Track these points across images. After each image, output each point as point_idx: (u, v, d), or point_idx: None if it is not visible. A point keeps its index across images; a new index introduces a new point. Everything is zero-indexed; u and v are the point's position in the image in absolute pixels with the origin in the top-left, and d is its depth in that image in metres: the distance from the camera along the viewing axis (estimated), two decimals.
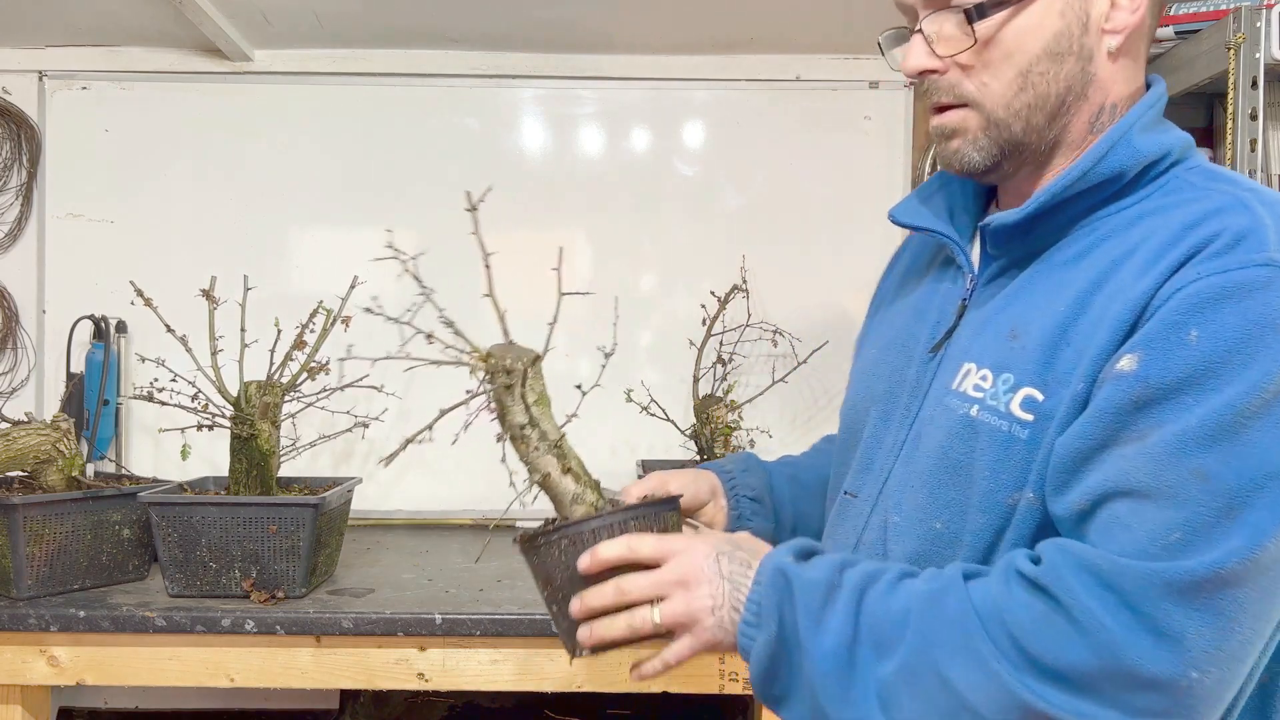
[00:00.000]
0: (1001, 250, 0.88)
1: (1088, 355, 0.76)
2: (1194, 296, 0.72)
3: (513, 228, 2.21)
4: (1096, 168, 0.82)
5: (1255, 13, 1.63)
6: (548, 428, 0.94)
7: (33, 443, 1.59)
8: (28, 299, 2.19)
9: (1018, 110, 0.84)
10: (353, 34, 2.09)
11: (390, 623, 1.48)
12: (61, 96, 2.19)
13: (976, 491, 0.81)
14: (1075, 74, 0.84)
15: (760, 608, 0.81)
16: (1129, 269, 0.77)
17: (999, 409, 0.80)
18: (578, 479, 0.92)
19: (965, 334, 0.88)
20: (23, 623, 1.49)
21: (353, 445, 2.18)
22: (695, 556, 0.83)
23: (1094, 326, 0.77)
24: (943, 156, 0.89)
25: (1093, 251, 0.82)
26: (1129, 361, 0.73)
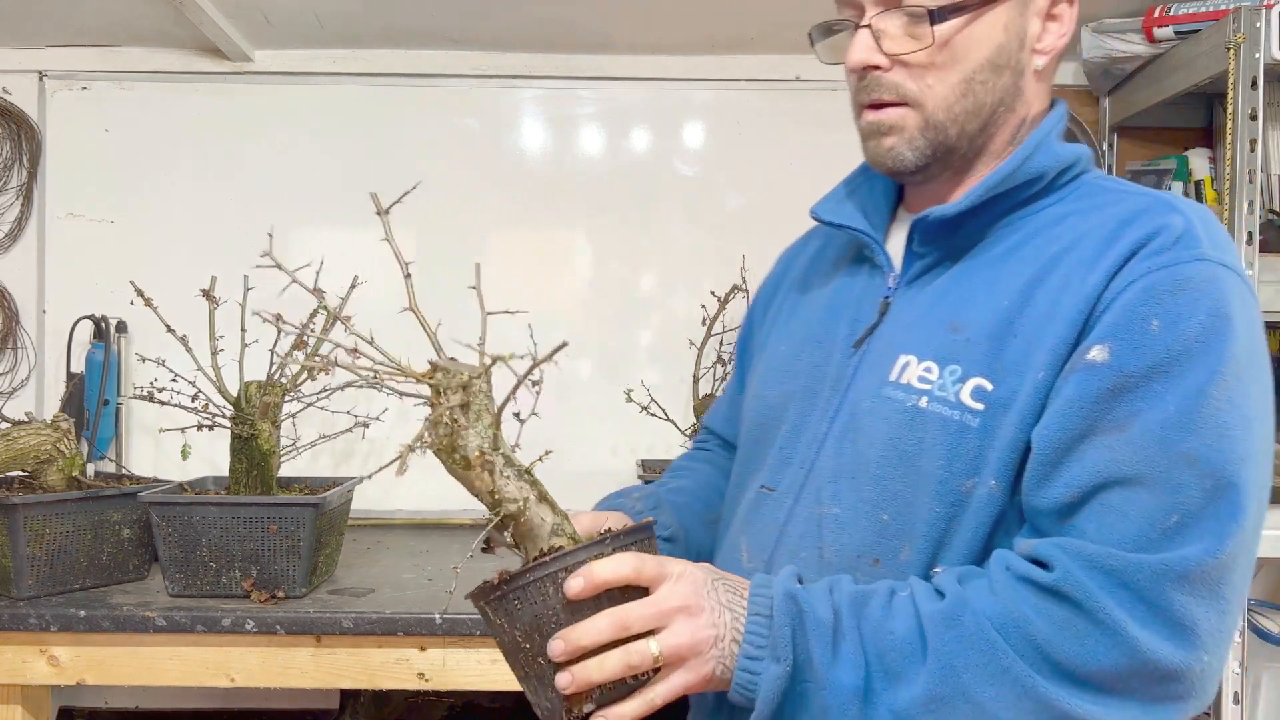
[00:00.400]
0: (929, 247, 0.90)
1: (1043, 345, 0.79)
2: (1150, 289, 0.76)
3: (513, 228, 2.22)
4: (1024, 166, 0.87)
5: (1255, 13, 1.63)
6: (509, 451, 0.85)
7: (33, 443, 1.59)
8: (28, 299, 2.19)
9: (956, 115, 0.87)
10: (353, 34, 2.10)
11: (390, 622, 1.49)
12: (62, 96, 2.19)
13: (928, 481, 0.82)
14: (1008, 87, 0.89)
15: (773, 639, 0.76)
16: (1071, 264, 0.81)
17: (949, 399, 0.82)
18: (554, 508, 0.82)
19: (893, 328, 0.89)
20: (23, 622, 1.49)
21: (353, 445, 2.18)
22: (695, 581, 0.77)
23: (1045, 318, 0.80)
24: (874, 153, 0.91)
25: (1023, 248, 0.86)
26: (1100, 352, 0.76)
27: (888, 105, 0.88)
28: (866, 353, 0.90)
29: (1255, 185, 1.65)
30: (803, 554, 0.87)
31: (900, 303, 0.91)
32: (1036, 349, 0.79)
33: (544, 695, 0.79)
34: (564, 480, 2.19)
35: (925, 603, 0.76)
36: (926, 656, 0.74)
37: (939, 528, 0.82)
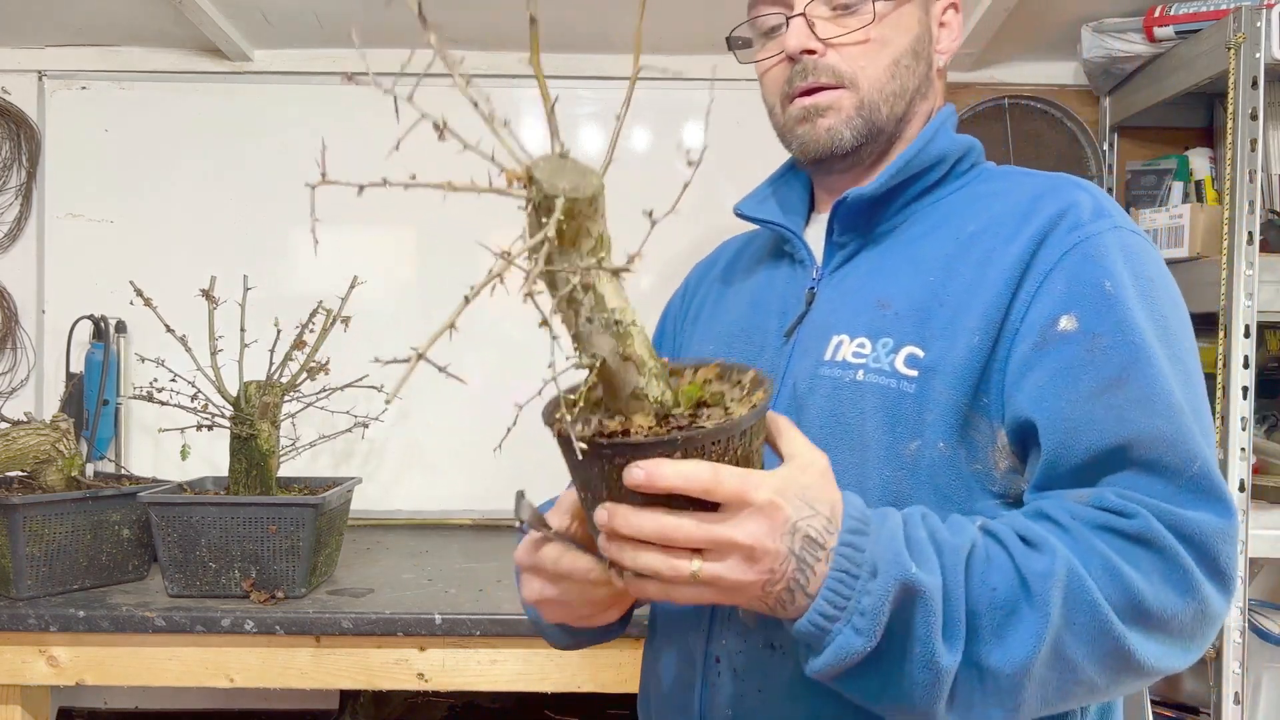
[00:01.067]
0: (849, 235, 0.96)
1: (972, 311, 0.84)
2: (1088, 256, 0.83)
3: (512, 227, 2.21)
4: (928, 148, 0.94)
5: (1255, 12, 1.63)
6: (606, 291, 0.69)
7: (32, 443, 1.59)
8: (27, 299, 2.19)
9: (888, 95, 0.94)
10: (352, 33, 2.09)
11: (390, 623, 1.48)
12: (61, 96, 2.19)
13: (873, 448, 0.85)
14: (923, 75, 0.97)
15: (857, 607, 0.68)
16: (991, 238, 0.87)
17: (884, 369, 0.86)
18: (641, 367, 0.68)
19: (822, 314, 0.93)
20: (22, 623, 1.49)
21: (353, 445, 2.18)
22: (775, 520, 0.67)
23: (970, 287, 0.85)
24: (809, 136, 0.95)
25: (940, 229, 0.92)
26: (1068, 321, 0.81)
27: (822, 89, 0.94)
28: (798, 341, 0.94)
29: (1256, 185, 1.65)
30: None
31: (826, 291, 0.95)
32: (965, 314, 0.84)
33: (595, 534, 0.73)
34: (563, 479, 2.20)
35: (1022, 556, 0.73)
36: (1026, 612, 0.72)
37: (891, 492, 0.84)
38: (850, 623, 0.68)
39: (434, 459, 2.21)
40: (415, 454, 2.21)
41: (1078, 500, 0.77)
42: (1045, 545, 0.74)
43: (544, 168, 0.68)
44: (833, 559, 0.69)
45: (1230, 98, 1.66)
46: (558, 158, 0.68)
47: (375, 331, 2.12)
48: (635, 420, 0.68)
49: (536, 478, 2.21)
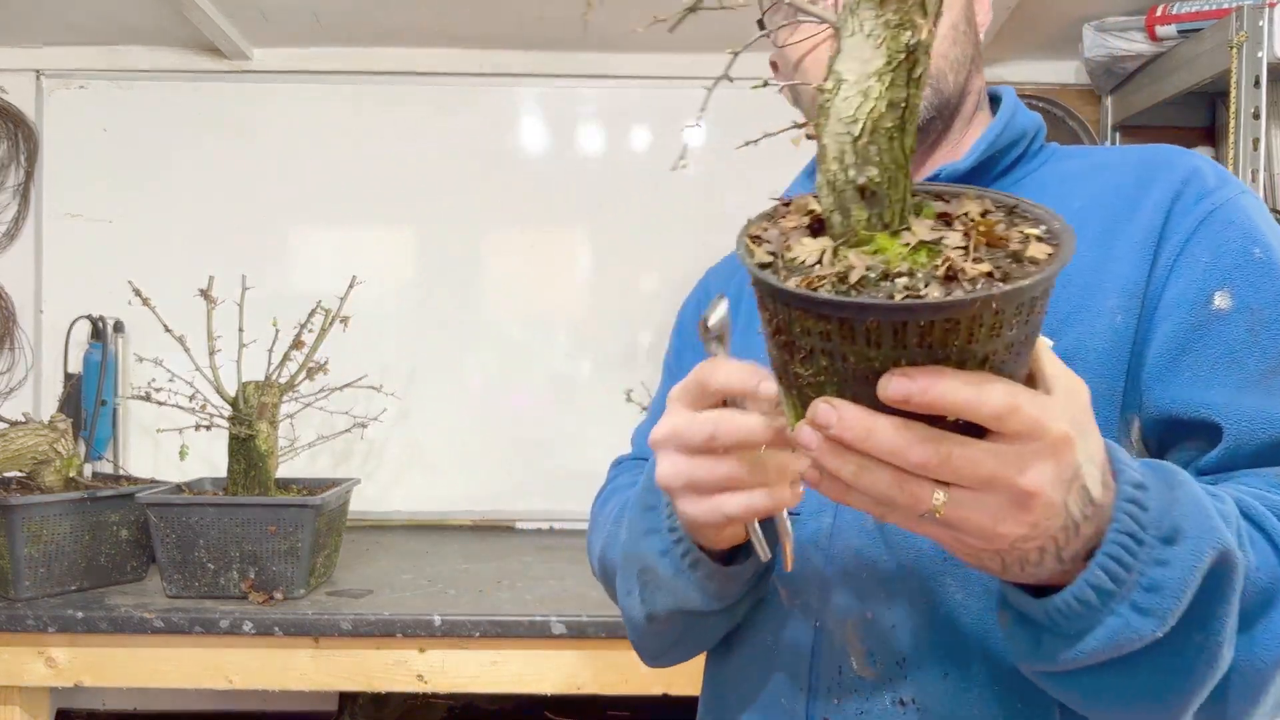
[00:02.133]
0: None
1: (1108, 290, 0.76)
2: (1227, 223, 0.75)
3: (513, 226, 2.21)
4: (1013, 122, 0.86)
5: (1257, 11, 1.63)
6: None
7: (30, 443, 1.58)
8: (25, 299, 2.18)
9: (952, 62, 0.86)
10: (351, 32, 2.09)
11: (389, 624, 1.48)
12: (59, 95, 2.19)
13: None
14: (973, 43, 0.89)
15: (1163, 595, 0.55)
16: (1106, 212, 0.80)
17: None
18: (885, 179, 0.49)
19: None
20: (21, 624, 1.48)
21: (352, 445, 2.17)
22: (1063, 464, 0.51)
23: (1098, 265, 0.77)
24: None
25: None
26: (1222, 299, 0.73)
27: None
28: None
29: (1258, 184, 1.64)
30: (862, 575, 0.76)
31: None
32: (1100, 294, 0.76)
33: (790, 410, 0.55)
34: (563, 479, 2.20)
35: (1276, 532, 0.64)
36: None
37: None
38: (1130, 600, 0.54)
39: (433, 459, 2.20)
40: (414, 454, 2.20)
41: (1273, 475, 0.70)
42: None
43: None
44: (1114, 517, 0.54)
45: (1232, 97, 1.65)
46: None
47: (374, 331, 2.12)
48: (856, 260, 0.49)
49: (537, 479, 2.21)
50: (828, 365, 0.49)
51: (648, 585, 0.79)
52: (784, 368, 0.52)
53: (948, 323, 0.46)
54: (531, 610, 1.50)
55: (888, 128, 0.48)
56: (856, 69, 0.48)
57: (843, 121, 0.48)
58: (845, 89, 0.48)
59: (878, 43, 0.47)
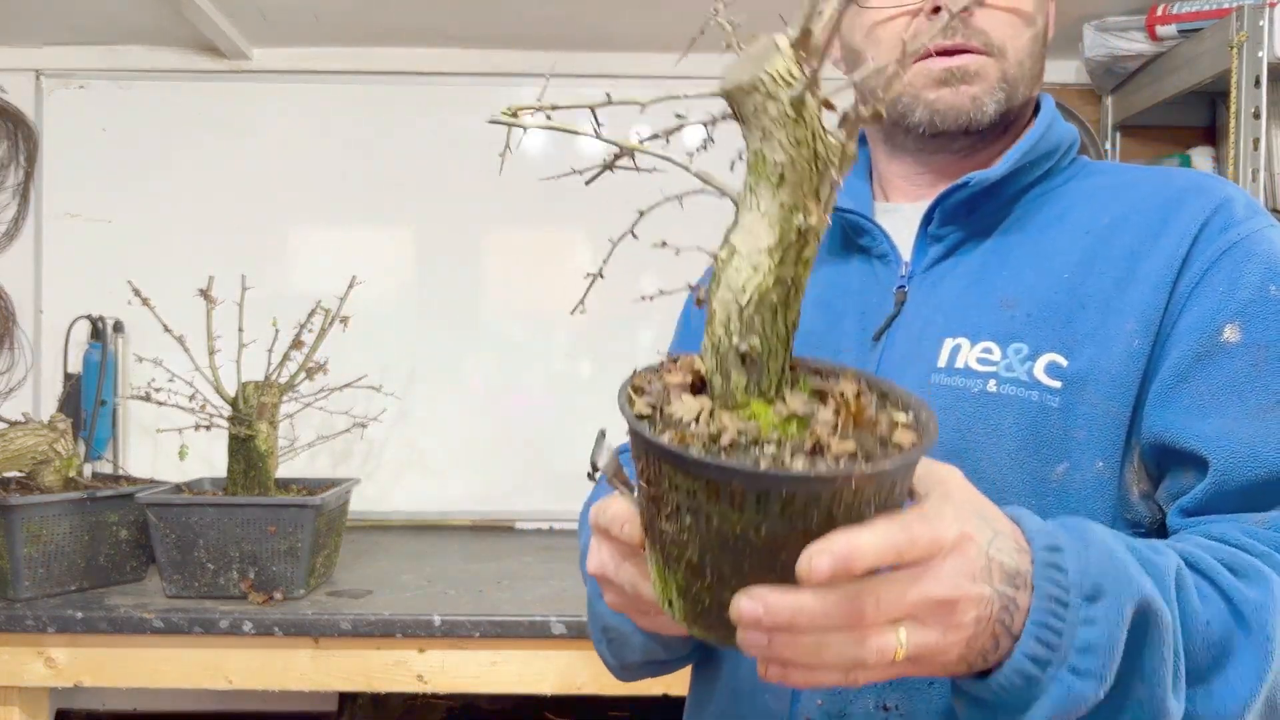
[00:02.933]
0: (951, 227, 0.84)
1: (1127, 312, 0.74)
2: (1249, 256, 0.74)
3: (513, 226, 2.21)
4: (1048, 134, 0.84)
5: (1258, 11, 1.63)
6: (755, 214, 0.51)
7: (30, 443, 1.58)
8: (25, 299, 2.18)
9: (1025, 72, 0.84)
10: (351, 32, 2.09)
11: (389, 624, 1.48)
12: (59, 95, 2.19)
13: (1013, 472, 0.74)
14: (1042, 58, 0.87)
15: (1095, 655, 0.54)
16: (1133, 231, 0.78)
17: (1020, 379, 0.75)
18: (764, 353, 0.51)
19: (925, 314, 0.81)
20: (20, 624, 1.48)
21: (351, 446, 2.17)
22: (972, 558, 0.52)
23: (1119, 285, 0.75)
24: (952, 102, 0.82)
25: (1066, 219, 0.81)
26: (1232, 331, 0.72)
27: (969, 52, 0.81)
28: (890, 345, 0.82)
29: (1259, 184, 1.64)
30: None
31: (920, 290, 0.83)
32: (1117, 315, 0.74)
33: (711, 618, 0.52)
34: (563, 480, 2.20)
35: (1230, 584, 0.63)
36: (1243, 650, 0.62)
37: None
38: (1068, 664, 0.53)
39: (433, 460, 2.20)
40: (414, 455, 2.20)
41: (1255, 524, 0.68)
42: (1252, 571, 0.64)
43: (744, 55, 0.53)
44: (1034, 585, 0.54)
45: (1232, 97, 1.65)
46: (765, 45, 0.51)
47: (374, 332, 2.11)
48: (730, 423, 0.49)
49: (537, 479, 2.21)
50: (691, 524, 0.49)
51: (613, 641, 0.81)
52: (651, 522, 0.52)
53: (809, 495, 0.46)
54: (531, 610, 1.50)
55: (773, 302, 0.50)
56: (750, 243, 0.51)
57: (732, 290, 0.51)
58: (738, 260, 0.51)
59: (772, 222, 0.50)
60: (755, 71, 0.48)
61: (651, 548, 0.53)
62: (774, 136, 0.49)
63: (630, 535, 0.56)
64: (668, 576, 0.52)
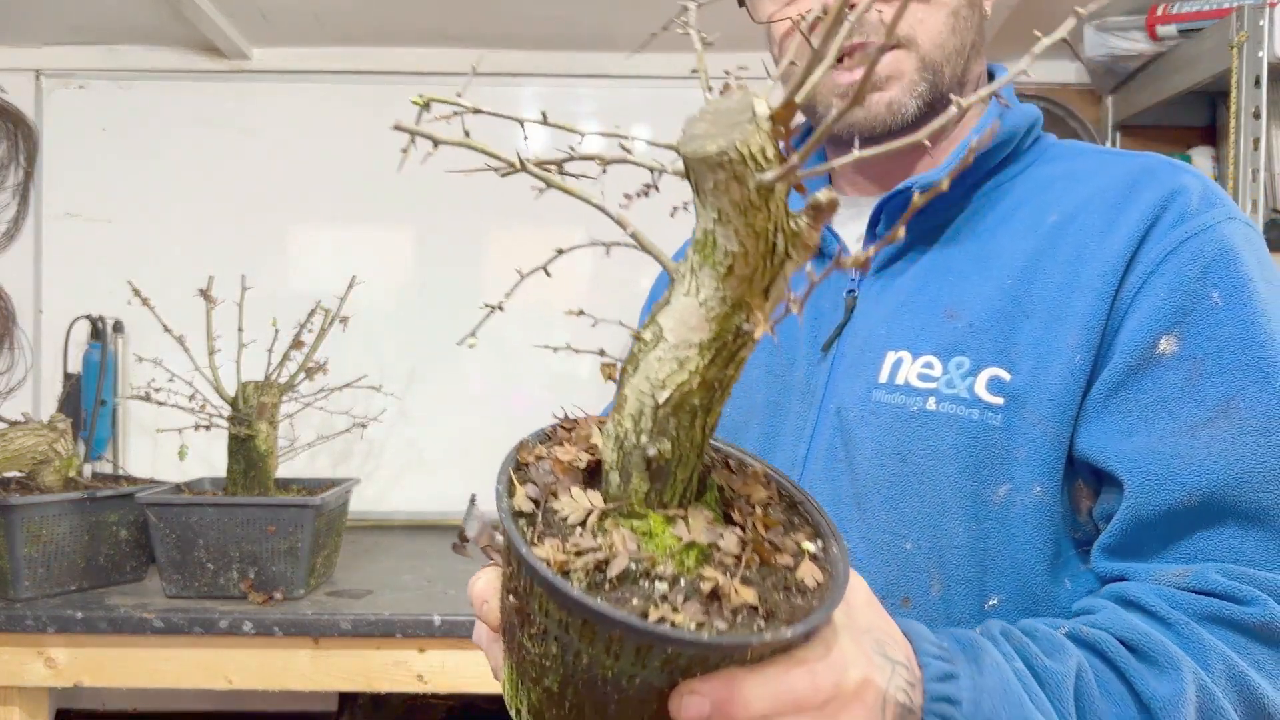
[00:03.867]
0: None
1: (1069, 323, 0.69)
2: (1196, 258, 0.68)
3: (512, 226, 2.21)
4: (999, 125, 0.78)
5: (1258, 11, 1.63)
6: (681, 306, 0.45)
7: (30, 443, 1.58)
8: (24, 299, 2.18)
9: (949, 52, 0.78)
10: (351, 32, 2.09)
11: (389, 624, 1.48)
12: (59, 95, 2.18)
13: (952, 495, 0.69)
14: (975, 29, 0.81)
15: None
16: (1080, 231, 0.72)
17: (961, 396, 0.70)
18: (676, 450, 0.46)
19: (870, 323, 0.77)
20: (20, 624, 1.48)
21: (351, 446, 2.17)
22: (870, 704, 0.49)
23: (1062, 293, 0.70)
24: (868, 114, 0.77)
25: (1012, 219, 0.76)
26: (1168, 343, 0.66)
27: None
28: (839, 355, 0.78)
29: (1259, 184, 1.64)
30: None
31: (870, 295, 0.79)
32: (1061, 327, 0.69)
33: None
34: None
35: (1139, 678, 0.59)
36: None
37: (977, 550, 0.69)
38: None
39: (433, 460, 2.20)
40: (414, 455, 2.20)
41: (1174, 581, 0.63)
42: (1163, 657, 0.59)
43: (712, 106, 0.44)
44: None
45: (1233, 97, 1.65)
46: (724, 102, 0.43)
47: (373, 332, 2.11)
48: (621, 546, 0.44)
49: None
50: (558, 654, 0.44)
51: None
52: (511, 632, 0.47)
53: (695, 657, 0.42)
54: None
55: (694, 405, 0.44)
56: (681, 333, 0.44)
57: (650, 382, 0.44)
58: (663, 348, 0.44)
59: (710, 315, 0.43)
60: (724, 143, 0.40)
61: (508, 653, 0.48)
62: (730, 223, 0.41)
63: (488, 618, 0.52)
64: (520, 690, 0.47)
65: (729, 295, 0.42)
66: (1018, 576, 0.68)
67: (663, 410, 0.44)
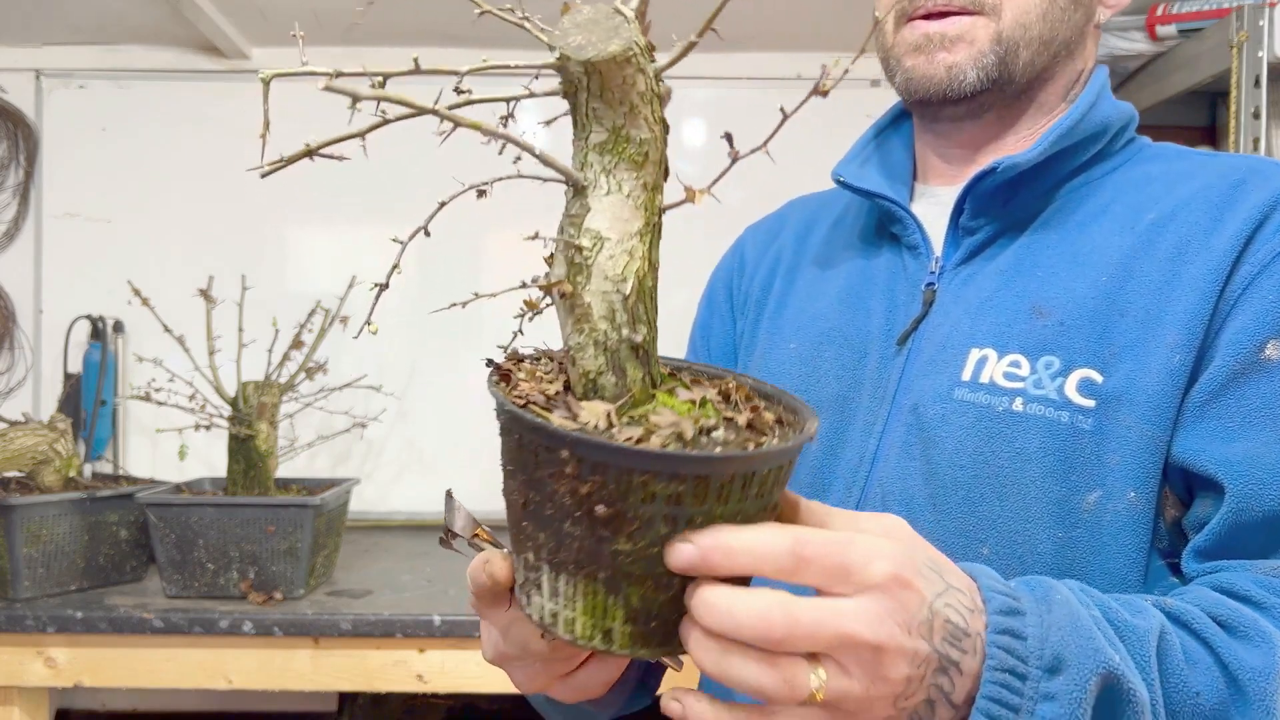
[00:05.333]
0: (983, 219, 0.76)
1: (1169, 322, 0.66)
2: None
3: (513, 226, 2.21)
4: (1091, 114, 0.75)
5: (1258, 11, 1.63)
6: (600, 205, 0.49)
7: (30, 443, 1.58)
8: (25, 299, 2.18)
9: (1032, 37, 0.74)
10: (351, 32, 2.09)
11: (389, 624, 1.48)
12: (59, 95, 2.18)
13: (1039, 501, 0.67)
14: (1078, 26, 0.77)
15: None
16: (1181, 229, 0.69)
17: (1050, 397, 0.67)
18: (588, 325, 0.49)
19: (952, 318, 0.74)
20: (20, 624, 1.48)
21: (351, 446, 2.17)
22: (907, 605, 0.46)
23: (1162, 290, 0.67)
24: (924, 71, 0.75)
25: (1106, 214, 0.73)
26: (1275, 348, 0.64)
27: (953, 14, 0.74)
28: (916, 350, 0.75)
29: None
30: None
31: (951, 289, 0.76)
32: (1160, 326, 0.66)
33: (665, 629, 0.48)
34: None
35: (1226, 647, 0.58)
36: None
37: (1064, 558, 0.66)
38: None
39: (432, 459, 2.20)
40: (414, 454, 2.20)
41: (1271, 570, 0.62)
42: (1254, 631, 0.58)
43: (570, 24, 0.50)
44: (988, 653, 0.48)
45: (1233, 97, 1.65)
46: (593, 14, 0.49)
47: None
48: (664, 418, 0.46)
49: None
50: (668, 533, 0.44)
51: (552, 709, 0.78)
52: (595, 554, 0.45)
53: (780, 469, 0.46)
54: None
55: (649, 287, 0.48)
56: (620, 228, 0.48)
57: (610, 279, 0.47)
58: (610, 247, 0.48)
59: (637, 204, 0.47)
60: (621, 43, 0.44)
61: (587, 581, 0.46)
62: (639, 112, 0.45)
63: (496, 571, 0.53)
64: (611, 605, 0.46)
65: (648, 180, 0.48)
66: (1108, 586, 0.65)
67: (630, 299, 0.47)
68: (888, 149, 0.87)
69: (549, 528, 0.46)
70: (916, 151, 0.87)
